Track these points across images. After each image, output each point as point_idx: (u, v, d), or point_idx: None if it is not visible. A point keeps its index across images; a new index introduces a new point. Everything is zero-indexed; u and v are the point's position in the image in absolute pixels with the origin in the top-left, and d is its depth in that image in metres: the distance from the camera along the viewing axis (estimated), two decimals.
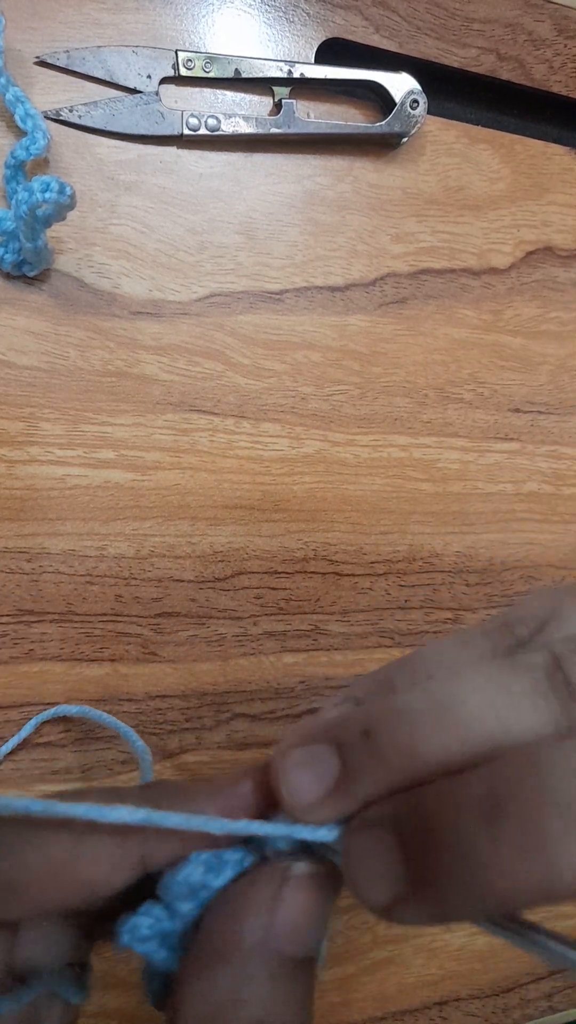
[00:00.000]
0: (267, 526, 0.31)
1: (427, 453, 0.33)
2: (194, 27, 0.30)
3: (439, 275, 0.34)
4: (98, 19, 0.28)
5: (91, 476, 0.28)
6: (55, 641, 0.28)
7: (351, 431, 0.32)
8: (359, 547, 0.32)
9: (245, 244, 0.31)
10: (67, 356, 0.28)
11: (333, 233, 0.32)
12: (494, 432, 0.35)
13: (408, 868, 0.13)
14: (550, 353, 0.36)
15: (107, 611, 0.28)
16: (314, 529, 0.32)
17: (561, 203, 0.36)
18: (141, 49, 0.29)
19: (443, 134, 0.34)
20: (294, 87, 0.31)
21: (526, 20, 0.35)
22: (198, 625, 0.30)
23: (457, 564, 0.34)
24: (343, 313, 0.32)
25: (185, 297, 0.30)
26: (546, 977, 0.36)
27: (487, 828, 0.12)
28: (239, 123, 0.30)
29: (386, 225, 0.33)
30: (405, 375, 0.33)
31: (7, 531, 0.27)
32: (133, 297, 0.29)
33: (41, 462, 0.28)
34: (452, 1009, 0.34)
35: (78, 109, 0.28)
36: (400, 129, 0.31)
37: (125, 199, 0.29)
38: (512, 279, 0.35)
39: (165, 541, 0.29)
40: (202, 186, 0.30)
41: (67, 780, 0.28)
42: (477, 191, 0.34)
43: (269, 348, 0.31)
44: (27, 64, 0.28)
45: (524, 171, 0.35)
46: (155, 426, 0.29)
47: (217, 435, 0.30)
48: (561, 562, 0.36)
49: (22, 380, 0.28)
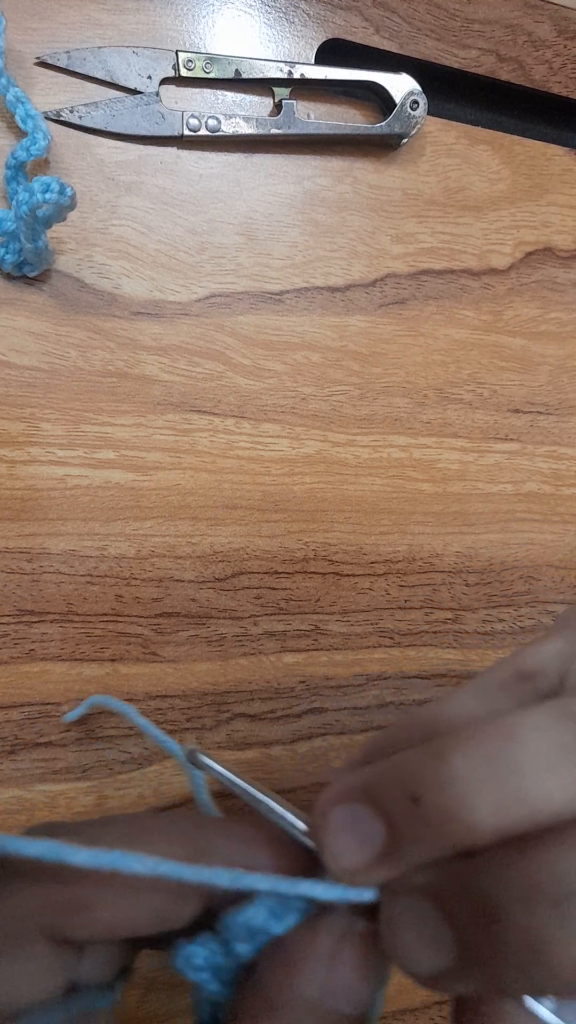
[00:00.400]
0: (267, 526, 0.31)
1: (427, 453, 0.33)
2: (194, 28, 0.30)
3: (439, 276, 0.34)
4: (98, 20, 0.28)
5: (92, 476, 0.28)
6: (55, 641, 0.28)
7: (351, 431, 0.32)
8: (359, 547, 0.32)
9: (245, 245, 0.31)
10: (68, 356, 0.28)
11: (333, 234, 0.32)
12: (494, 432, 0.35)
13: (458, 941, 0.13)
14: (550, 354, 0.36)
15: (107, 611, 0.29)
16: (314, 529, 0.32)
17: (561, 204, 0.36)
18: (141, 50, 0.29)
19: (443, 135, 0.34)
20: (294, 88, 0.31)
21: (526, 21, 0.35)
22: (198, 625, 0.30)
23: (457, 564, 0.34)
24: (343, 314, 0.32)
25: (185, 298, 0.30)
26: None
27: (556, 911, 0.12)
28: (239, 124, 0.30)
29: (386, 226, 0.33)
30: (405, 375, 0.33)
31: (8, 531, 0.27)
32: (133, 297, 0.29)
33: (42, 462, 0.28)
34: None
35: (78, 110, 0.28)
36: (400, 130, 0.32)
37: (125, 200, 0.29)
38: (512, 280, 0.35)
39: (165, 541, 0.29)
40: (202, 187, 0.30)
41: (67, 780, 0.28)
42: (477, 192, 0.34)
43: (269, 348, 0.31)
44: (27, 65, 0.28)
45: (524, 172, 0.35)
46: (156, 426, 0.29)
47: (217, 435, 0.30)
48: (561, 562, 0.36)
49: (23, 380, 0.28)
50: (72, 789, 0.28)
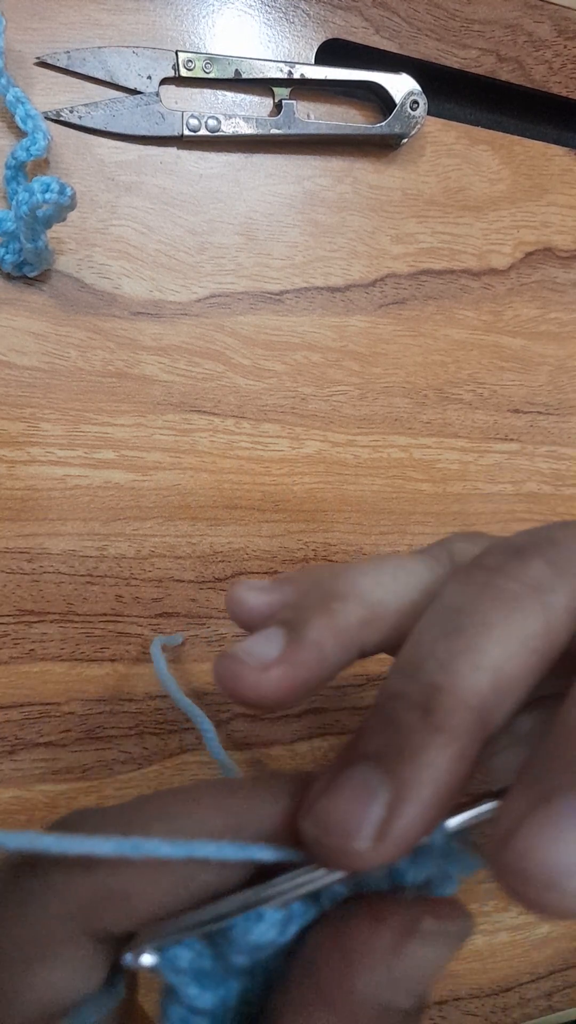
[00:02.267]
0: (267, 526, 0.31)
1: (427, 453, 0.33)
2: (194, 28, 0.30)
3: (439, 276, 0.34)
4: (98, 20, 0.28)
5: (92, 476, 0.28)
6: (55, 641, 0.28)
7: (351, 432, 0.32)
8: (359, 547, 0.32)
9: (245, 245, 0.31)
10: (68, 356, 0.28)
11: (333, 234, 0.32)
12: (494, 432, 0.35)
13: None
14: (550, 354, 0.36)
15: (107, 611, 0.29)
16: (314, 529, 0.32)
17: (561, 204, 0.36)
18: (141, 50, 0.29)
19: (443, 135, 0.34)
20: (294, 88, 0.31)
21: (526, 21, 0.35)
22: (198, 625, 0.30)
23: None
24: (343, 314, 0.32)
25: (185, 298, 0.30)
26: (546, 976, 0.36)
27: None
28: (239, 124, 0.30)
29: (386, 226, 0.33)
30: (405, 376, 0.33)
31: (8, 531, 0.27)
32: (133, 298, 0.29)
33: (42, 462, 0.28)
34: (451, 1008, 0.34)
35: (78, 110, 0.28)
36: (400, 130, 0.32)
37: (125, 200, 0.29)
38: (512, 280, 0.35)
39: (165, 541, 0.29)
40: (202, 187, 0.30)
41: (67, 780, 0.28)
42: (477, 192, 0.34)
43: (269, 349, 0.31)
44: (27, 65, 0.28)
45: (524, 172, 0.35)
46: (155, 426, 0.29)
47: (217, 435, 0.30)
48: None
49: (23, 380, 0.28)
50: (72, 789, 0.28)
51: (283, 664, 0.15)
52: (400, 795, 0.13)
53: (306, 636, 0.15)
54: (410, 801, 0.13)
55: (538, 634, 0.14)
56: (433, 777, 0.13)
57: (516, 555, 0.15)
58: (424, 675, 0.14)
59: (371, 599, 0.16)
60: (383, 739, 0.13)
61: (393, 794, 0.13)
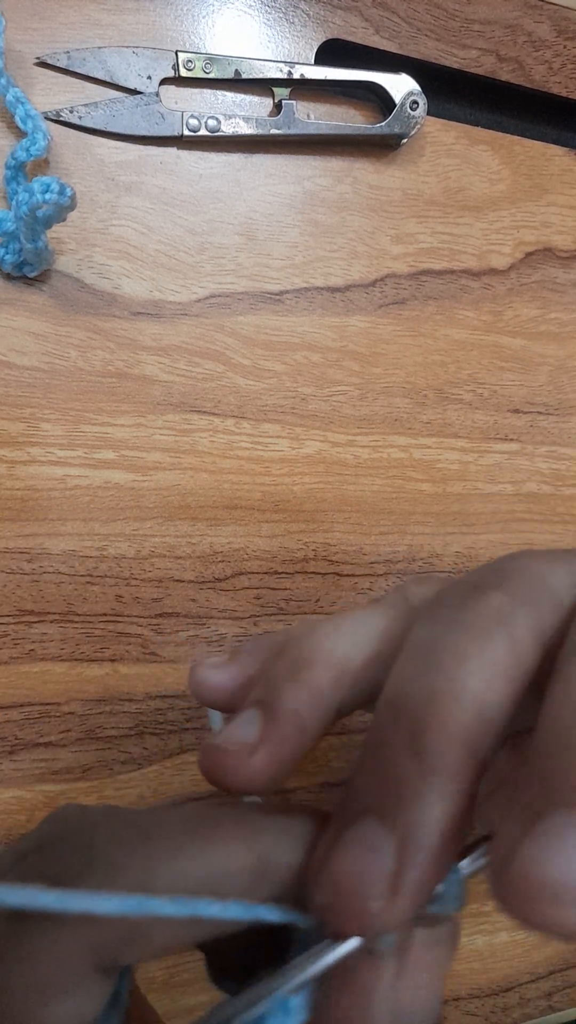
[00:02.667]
0: (267, 526, 0.31)
1: (427, 454, 0.33)
2: (194, 28, 0.30)
3: (439, 276, 0.34)
4: (98, 20, 0.28)
5: (91, 476, 0.28)
6: (55, 641, 0.28)
7: (351, 432, 0.32)
8: (359, 547, 0.32)
9: (245, 245, 0.31)
10: (67, 357, 0.28)
11: (333, 234, 0.32)
12: (494, 433, 0.35)
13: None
14: (550, 354, 0.36)
15: (107, 611, 0.29)
16: (314, 529, 0.32)
17: (561, 204, 0.36)
18: (141, 50, 0.29)
19: (443, 135, 0.34)
20: (294, 88, 0.31)
21: (526, 21, 0.35)
22: (198, 625, 0.30)
23: (457, 564, 0.34)
24: (343, 314, 0.32)
25: (185, 298, 0.30)
26: (545, 976, 0.36)
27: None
28: (239, 124, 0.30)
29: (386, 226, 0.33)
30: (405, 376, 0.33)
31: (7, 531, 0.27)
32: (133, 298, 0.29)
33: (41, 462, 0.28)
34: (451, 1008, 0.34)
35: (78, 110, 0.28)
36: (400, 130, 0.32)
37: (125, 200, 0.29)
38: (512, 280, 0.35)
39: (165, 541, 0.29)
40: (202, 187, 0.30)
41: (67, 780, 0.28)
42: (477, 192, 0.34)
43: (269, 349, 0.31)
44: (27, 65, 0.28)
45: (524, 172, 0.35)
46: (155, 427, 0.29)
47: (217, 436, 0.30)
48: None
49: (22, 381, 0.28)
50: (72, 789, 0.28)
51: (266, 743, 0.15)
52: (406, 844, 0.13)
53: (282, 710, 0.15)
54: (418, 848, 0.12)
55: (509, 662, 0.14)
56: (436, 819, 0.13)
57: (474, 590, 0.15)
58: (407, 716, 0.13)
59: (337, 658, 0.16)
60: (379, 790, 0.13)
61: (399, 845, 0.13)
